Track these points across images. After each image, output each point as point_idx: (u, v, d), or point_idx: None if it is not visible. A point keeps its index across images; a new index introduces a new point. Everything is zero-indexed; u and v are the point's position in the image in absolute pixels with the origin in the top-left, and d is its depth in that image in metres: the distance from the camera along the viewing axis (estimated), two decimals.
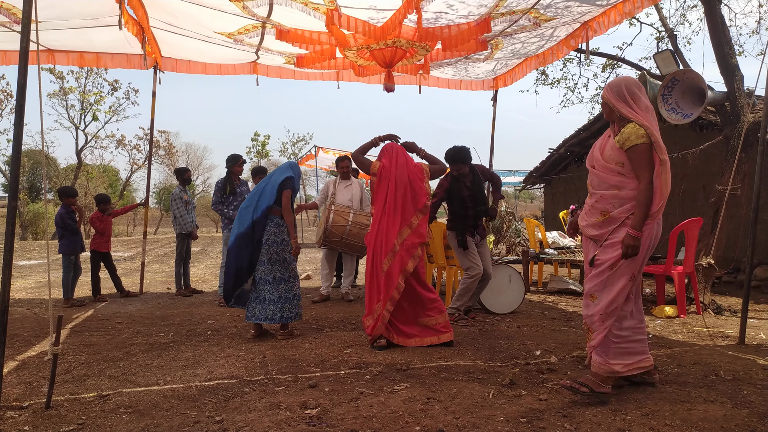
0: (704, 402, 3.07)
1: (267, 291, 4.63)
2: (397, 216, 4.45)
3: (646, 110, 3.18)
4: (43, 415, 2.91)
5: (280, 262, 4.67)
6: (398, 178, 4.50)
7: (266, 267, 4.65)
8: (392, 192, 4.49)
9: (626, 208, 3.16)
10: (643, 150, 3.09)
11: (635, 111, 3.17)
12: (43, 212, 24.80)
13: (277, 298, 4.62)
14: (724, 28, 6.08)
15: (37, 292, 7.67)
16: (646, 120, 3.13)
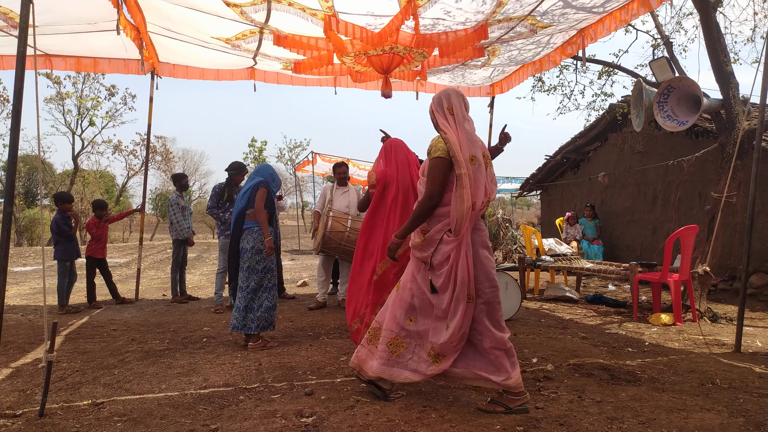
0: (701, 410, 3.06)
1: (240, 299, 4.58)
2: (402, 219, 4.26)
3: (461, 123, 3.15)
4: (37, 423, 2.88)
5: (258, 271, 4.59)
6: (401, 179, 4.37)
7: (244, 274, 4.61)
8: (394, 194, 4.35)
9: (439, 228, 3.10)
10: (437, 164, 3.07)
11: (447, 123, 3.15)
12: (39, 218, 24.72)
13: (244, 307, 4.56)
14: (720, 36, 6.12)
15: (32, 298, 7.63)
16: (455, 134, 3.09)
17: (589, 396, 3.30)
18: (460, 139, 3.08)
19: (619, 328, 5.51)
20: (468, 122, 3.19)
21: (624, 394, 3.36)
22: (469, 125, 3.18)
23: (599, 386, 3.51)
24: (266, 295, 4.61)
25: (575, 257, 7.77)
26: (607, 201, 10.82)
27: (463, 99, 3.24)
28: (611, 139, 10.72)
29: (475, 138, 3.16)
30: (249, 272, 4.59)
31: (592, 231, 10.32)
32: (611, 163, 10.63)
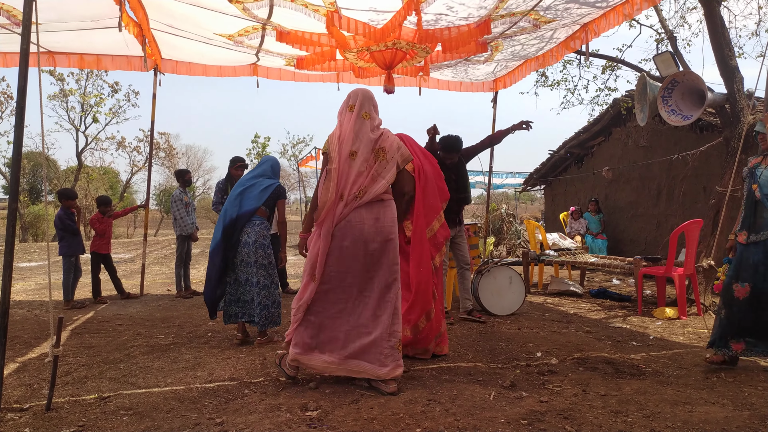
0: (705, 404, 3.07)
1: (254, 293, 4.47)
2: (430, 208, 4.21)
3: (355, 119, 3.43)
4: (44, 417, 2.90)
5: (265, 266, 4.50)
6: (429, 168, 4.29)
7: (253, 269, 4.47)
8: (425, 183, 4.21)
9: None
10: (324, 159, 3.48)
11: (341, 120, 3.51)
12: (44, 214, 24.82)
13: (258, 303, 4.46)
14: (724, 30, 6.09)
15: (38, 294, 7.67)
16: (339, 130, 3.46)
17: (593, 390, 3.31)
18: (342, 136, 3.41)
19: (624, 322, 5.51)
20: (366, 120, 3.43)
21: (628, 387, 3.36)
22: (369, 122, 3.43)
23: (603, 380, 3.52)
24: (276, 291, 4.58)
25: (579, 252, 7.76)
26: (611, 195, 10.80)
27: (368, 99, 3.51)
28: (615, 133, 10.69)
29: (364, 134, 3.39)
30: (258, 267, 4.47)
31: (596, 225, 10.31)
32: (615, 158, 10.61)
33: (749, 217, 3.68)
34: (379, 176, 3.37)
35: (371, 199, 3.33)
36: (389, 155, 3.40)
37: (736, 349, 3.68)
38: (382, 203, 3.38)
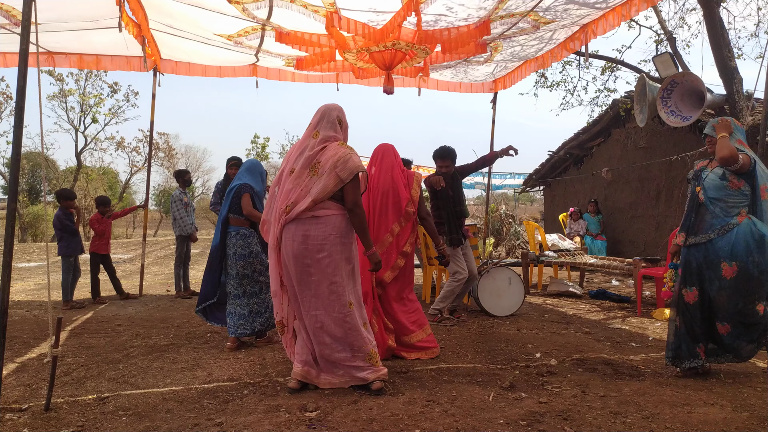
0: (704, 405, 3.07)
1: (238, 305, 4.42)
2: (380, 223, 4.24)
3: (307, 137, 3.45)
4: (43, 417, 2.90)
5: (248, 276, 4.42)
6: (381, 183, 4.29)
7: (236, 281, 4.43)
8: (374, 198, 4.28)
9: None
10: None
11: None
12: (43, 214, 24.81)
13: (248, 313, 4.41)
14: (723, 31, 6.10)
15: (37, 294, 7.66)
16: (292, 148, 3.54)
17: (592, 391, 3.31)
18: (290, 153, 3.47)
19: (623, 323, 5.51)
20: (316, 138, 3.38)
21: (627, 388, 3.36)
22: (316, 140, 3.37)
23: (603, 381, 3.52)
24: (267, 295, 4.47)
25: (578, 253, 7.77)
26: (610, 196, 10.81)
27: (327, 115, 3.44)
28: (614, 134, 10.70)
29: (305, 151, 3.37)
30: (240, 279, 4.42)
31: (596, 226, 10.31)
32: (614, 159, 10.61)
33: (690, 219, 3.64)
34: (308, 192, 3.27)
35: (297, 215, 3.24)
36: (323, 169, 3.26)
37: (702, 356, 3.60)
38: (314, 219, 3.25)
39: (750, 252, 3.39)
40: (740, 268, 3.40)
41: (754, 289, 3.42)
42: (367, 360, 3.32)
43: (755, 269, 3.39)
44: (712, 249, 3.49)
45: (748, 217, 3.44)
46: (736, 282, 3.43)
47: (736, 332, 3.48)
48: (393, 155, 4.44)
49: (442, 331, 5.01)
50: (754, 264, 3.39)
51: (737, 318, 3.46)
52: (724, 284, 3.46)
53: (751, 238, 3.39)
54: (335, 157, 3.27)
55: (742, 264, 3.40)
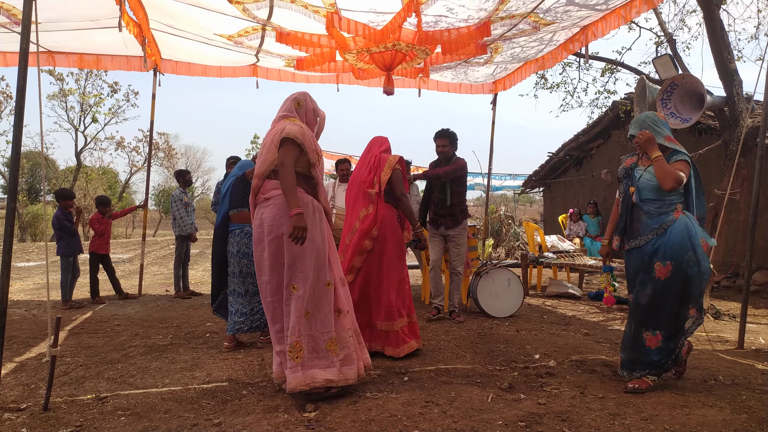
0: (703, 407, 3.07)
1: (240, 304, 4.41)
2: (353, 211, 4.28)
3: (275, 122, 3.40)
4: (41, 417, 2.90)
5: (251, 275, 4.35)
6: (356, 174, 4.36)
7: (238, 279, 4.42)
8: (350, 189, 4.39)
9: None
10: None
11: None
12: (42, 214, 24.79)
13: (249, 311, 4.40)
14: (723, 33, 6.10)
15: (36, 293, 7.66)
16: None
17: (591, 392, 3.31)
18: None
19: (622, 324, 5.51)
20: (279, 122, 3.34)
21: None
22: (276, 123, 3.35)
23: (601, 382, 3.52)
24: None
25: (578, 254, 7.77)
26: (610, 198, 10.81)
27: (286, 100, 3.43)
28: (614, 136, 10.71)
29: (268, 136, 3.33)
30: (243, 277, 4.42)
31: (595, 228, 10.31)
32: (614, 160, 10.62)
33: (624, 221, 3.45)
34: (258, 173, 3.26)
35: (259, 200, 3.26)
36: (267, 146, 3.26)
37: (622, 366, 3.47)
38: (266, 202, 3.23)
39: (685, 250, 3.20)
40: (675, 267, 3.21)
41: (690, 290, 3.24)
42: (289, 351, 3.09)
43: (691, 268, 3.21)
44: (648, 250, 3.30)
45: (684, 213, 3.28)
46: (670, 283, 3.23)
47: (660, 342, 3.29)
48: (373, 146, 4.41)
49: (441, 331, 5.01)
50: (689, 262, 3.20)
51: (668, 324, 3.28)
52: (658, 286, 3.26)
53: (686, 234, 3.21)
54: (277, 130, 3.24)
55: (677, 263, 3.20)
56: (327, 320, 3.16)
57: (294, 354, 3.07)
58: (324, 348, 3.13)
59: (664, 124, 3.39)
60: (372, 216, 4.16)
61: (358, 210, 4.24)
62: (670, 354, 3.32)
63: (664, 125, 3.39)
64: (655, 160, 3.27)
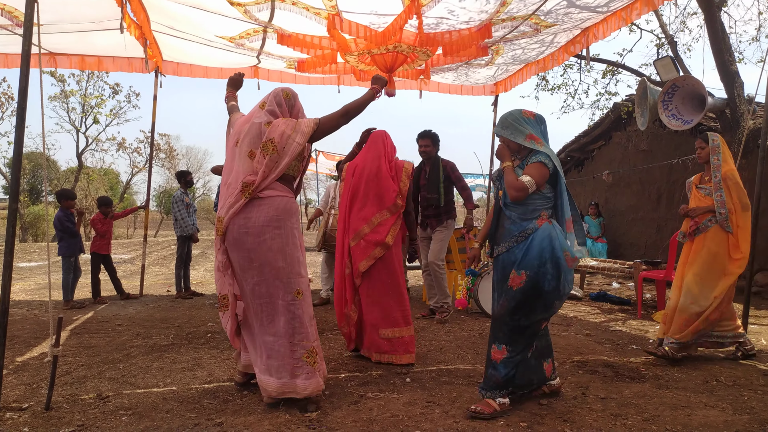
0: (705, 407, 3.07)
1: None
2: (359, 214, 4.05)
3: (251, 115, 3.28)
4: (43, 416, 2.90)
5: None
6: (366, 171, 4.08)
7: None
8: (356, 185, 4.10)
9: None
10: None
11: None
12: (44, 214, 24.82)
13: None
14: (724, 36, 6.12)
15: (37, 293, 7.67)
16: None
17: (593, 392, 3.31)
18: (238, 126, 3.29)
19: (623, 325, 5.51)
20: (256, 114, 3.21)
21: (628, 390, 3.36)
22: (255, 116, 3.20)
23: (603, 383, 3.52)
24: None
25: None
26: (611, 199, 10.81)
27: (272, 92, 3.27)
28: (615, 137, 10.71)
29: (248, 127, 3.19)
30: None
31: (596, 229, 10.32)
32: (615, 162, 10.62)
33: (494, 226, 3.19)
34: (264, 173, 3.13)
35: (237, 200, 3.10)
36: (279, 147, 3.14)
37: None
38: (256, 201, 3.08)
39: (543, 261, 2.89)
40: (529, 278, 2.90)
41: (543, 305, 2.95)
42: (305, 358, 3.02)
43: (547, 282, 2.89)
44: (508, 258, 3.02)
45: (549, 221, 3.00)
46: (522, 294, 2.92)
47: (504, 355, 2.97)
48: (382, 143, 4.18)
49: (442, 332, 5.01)
50: (545, 275, 2.89)
51: (513, 337, 2.97)
52: (509, 295, 2.96)
53: (548, 245, 2.91)
54: (287, 129, 3.11)
55: (533, 274, 2.89)
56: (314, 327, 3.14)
57: (311, 359, 3.03)
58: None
59: (528, 121, 3.08)
60: (390, 225, 4.00)
61: (367, 214, 4.02)
62: (517, 366, 2.98)
63: (529, 123, 3.08)
64: (504, 169, 3.07)
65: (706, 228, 4.15)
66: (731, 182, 4.10)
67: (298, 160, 3.19)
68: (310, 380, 2.99)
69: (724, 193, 4.09)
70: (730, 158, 4.23)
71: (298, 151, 3.11)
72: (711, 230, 4.12)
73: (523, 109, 3.13)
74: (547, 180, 3.00)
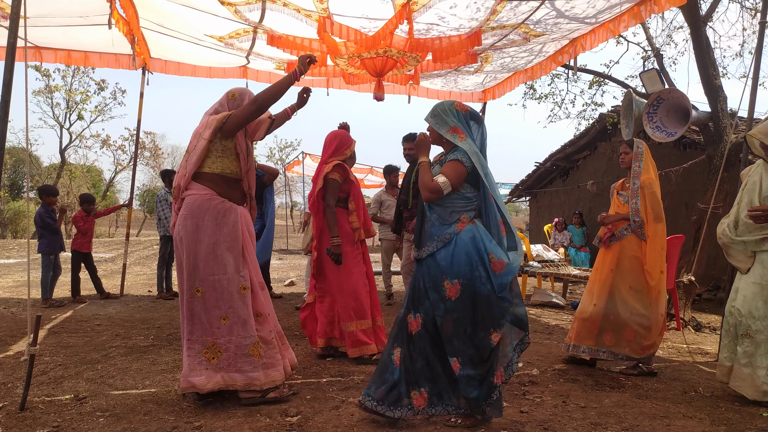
0: (683, 418, 3.10)
1: None
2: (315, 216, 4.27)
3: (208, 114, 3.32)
4: (17, 416, 2.85)
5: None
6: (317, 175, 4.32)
7: None
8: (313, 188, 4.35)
9: None
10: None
11: None
12: (24, 210, 24.44)
13: None
14: (709, 50, 6.20)
15: (15, 291, 7.54)
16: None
17: (573, 401, 3.33)
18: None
19: None
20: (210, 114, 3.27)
21: (608, 400, 3.38)
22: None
23: (584, 392, 3.54)
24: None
25: (562, 264, 7.82)
26: (595, 209, 10.91)
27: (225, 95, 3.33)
28: (600, 148, 10.82)
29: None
30: None
31: (580, 238, 10.39)
32: (600, 172, 10.73)
33: (417, 227, 3.01)
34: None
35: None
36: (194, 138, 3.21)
37: (418, 405, 2.81)
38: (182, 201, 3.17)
39: (474, 266, 2.74)
40: (464, 286, 2.75)
41: (486, 312, 2.75)
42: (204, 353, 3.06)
43: (483, 286, 2.74)
44: (434, 264, 2.82)
45: (472, 222, 2.83)
46: (461, 303, 2.76)
47: (465, 371, 2.75)
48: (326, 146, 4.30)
49: None
50: (480, 279, 2.74)
51: (467, 350, 2.76)
52: (449, 307, 2.77)
53: (473, 248, 2.75)
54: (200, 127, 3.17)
55: (467, 281, 2.75)
56: (248, 325, 3.09)
57: (210, 355, 3.07)
58: (247, 353, 3.06)
59: (457, 114, 2.91)
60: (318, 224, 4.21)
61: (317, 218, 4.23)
62: (479, 383, 2.76)
63: (457, 116, 2.91)
64: (420, 165, 2.92)
65: (622, 236, 4.15)
66: (648, 191, 4.11)
67: (227, 158, 3.16)
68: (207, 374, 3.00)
69: (639, 201, 4.11)
70: (652, 168, 4.24)
71: (203, 147, 3.09)
72: (627, 239, 4.12)
73: (458, 102, 2.98)
74: (465, 179, 2.83)
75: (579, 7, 4.85)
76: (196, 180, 3.14)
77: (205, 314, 3.08)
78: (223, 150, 3.16)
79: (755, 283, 3.45)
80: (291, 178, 30.27)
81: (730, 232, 3.61)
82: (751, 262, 3.51)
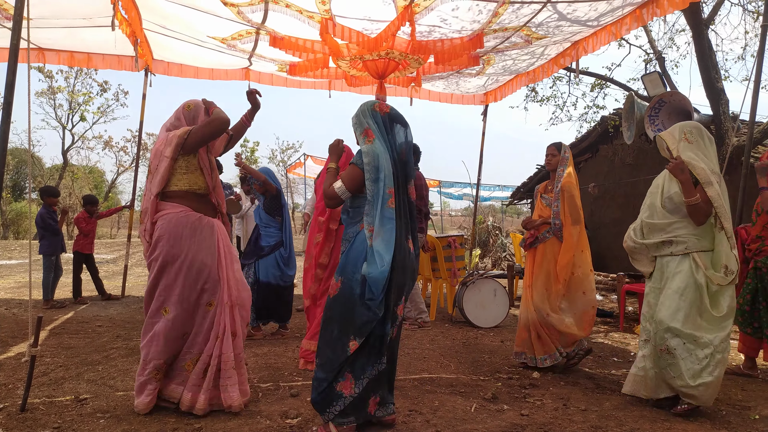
0: (684, 421, 3.09)
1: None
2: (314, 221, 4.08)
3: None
4: (18, 417, 2.85)
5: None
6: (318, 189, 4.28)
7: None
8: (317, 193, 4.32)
9: None
10: None
11: None
12: (26, 211, 24.48)
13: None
14: (711, 53, 6.21)
15: (17, 292, 7.55)
16: None
17: (573, 404, 3.32)
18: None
19: (605, 337, 5.54)
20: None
21: (608, 403, 3.38)
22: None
23: (584, 395, 3.53)
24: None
25: None
26: (596, 212, 10.90)
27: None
28: (602, 150, 10.81)
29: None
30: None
31: None
32: (601, 175, 10.72)
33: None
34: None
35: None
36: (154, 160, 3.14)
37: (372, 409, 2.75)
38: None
39: (357, 267, 2.65)
40: (343, 284, 2.68)
41: (349, 316, 2.63)
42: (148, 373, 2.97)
43: (357, 288, 2.63)
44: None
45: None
46: (336, 302, 2.69)
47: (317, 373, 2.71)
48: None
49: (426, 340, 5.01)
50: (357, 281, 2.64)
51: (326, 352, 2.67)
52: (327, 303, 2.75)
53: (362, 251, 2.66)
54: (160, 145, 3.09)
55: (347, 280, 2.67)
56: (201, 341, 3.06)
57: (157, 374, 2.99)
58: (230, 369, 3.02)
59: (374, 115, 2.80)
60: (322, 243, 3.90)
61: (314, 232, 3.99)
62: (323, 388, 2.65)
63: (373, 116, 2.80)
64: (326, 172, 2.94)
65: (545, 239, 4.21)
66: (567, 194, 4.14)
67: (193, 174, 3.11)
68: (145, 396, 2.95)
69: (560, 204, 4.13)
70: (574, 174, 4.26)
71: (166, 165, 3.03)
72: (549, 241, 4.18)
73: (379, 102, 2.86)
74: (362, 183, 2.71)
75: (581, 10, 4.85)
76: (165, 200, 3.09)
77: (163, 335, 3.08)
78: (187, 166, 3.10)
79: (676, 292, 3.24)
80: (293, 180, 30.32)
81: (635, 235, 3.64)
82: (653, 266, 3.50)
